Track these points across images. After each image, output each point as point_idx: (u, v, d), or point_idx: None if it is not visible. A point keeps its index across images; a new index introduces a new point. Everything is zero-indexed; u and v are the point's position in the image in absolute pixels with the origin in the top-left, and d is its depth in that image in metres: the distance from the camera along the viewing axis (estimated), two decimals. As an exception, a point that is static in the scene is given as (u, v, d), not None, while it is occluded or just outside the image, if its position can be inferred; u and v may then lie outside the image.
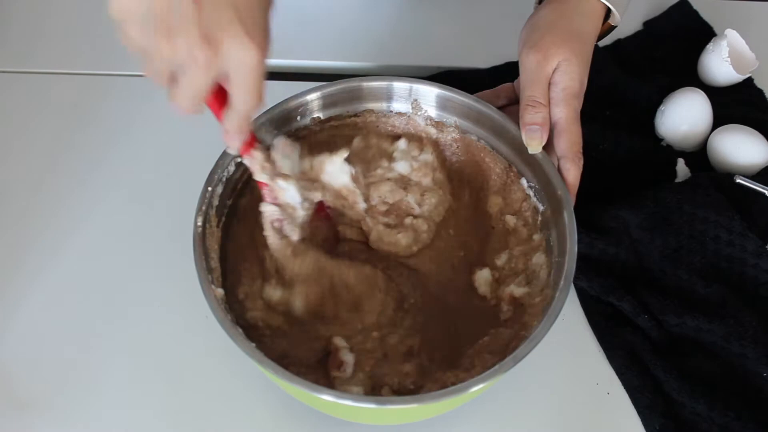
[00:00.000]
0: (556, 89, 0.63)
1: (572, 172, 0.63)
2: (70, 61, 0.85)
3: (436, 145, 0.69)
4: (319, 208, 0.64)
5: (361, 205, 0.65)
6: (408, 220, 0.66)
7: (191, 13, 0.43)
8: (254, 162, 0.57)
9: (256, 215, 0.61)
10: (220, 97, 0.51)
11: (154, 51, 0.45)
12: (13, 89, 0.82)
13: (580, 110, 0.65)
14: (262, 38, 0.46)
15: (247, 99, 0.48)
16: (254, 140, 0.57)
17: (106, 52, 0.86)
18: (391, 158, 0.67)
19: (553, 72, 0.63)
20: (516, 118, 0.64)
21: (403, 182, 0.66)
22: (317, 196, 0.63)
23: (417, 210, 0.66)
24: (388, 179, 0.66)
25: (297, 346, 0.59)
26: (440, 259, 0.66)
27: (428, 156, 0.67)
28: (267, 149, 0.59)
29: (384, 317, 0.62)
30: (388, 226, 0.66)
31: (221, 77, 0.47)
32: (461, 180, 0.69)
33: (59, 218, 0.73)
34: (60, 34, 0.88)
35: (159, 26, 0.43)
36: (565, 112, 0.63)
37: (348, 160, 0.63)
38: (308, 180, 0.62)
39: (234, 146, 0.53)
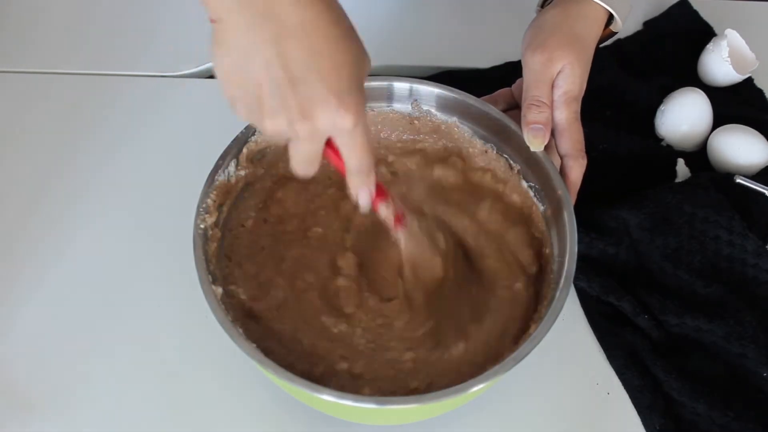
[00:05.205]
0: (558, 92, 0.64)
1: (575, 170, 0.63)
2: (70, 61, 0.85)
3: None
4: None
5: None
6: None
7: (287, 93, 0.46)
8: (387, 216, 0.59)
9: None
10: (339, 154, 0.52)
11: (260, 128, 0.49)
12: (13, 89, 0.82)
13: (580, 110, 0.65)
14: (355, 104, 0.48)
15: (356, 159, 0.51)
16: (383, 194, 0.58)
17: (106, 52, 0.86)
18: None
19: (557, 75, 0.64)
20: (516, 122, 0.65)
21: None
22: None
23: None
24: None
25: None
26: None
27: None
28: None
29: None
30: None
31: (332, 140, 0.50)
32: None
33: (59, 218, 0.72)
34: (60, 34, 0.88)
35: (261, 108, 0.47)
36: (566, 114, 0.64)
37: None
38: None
39: (363, 203, 0.54)
